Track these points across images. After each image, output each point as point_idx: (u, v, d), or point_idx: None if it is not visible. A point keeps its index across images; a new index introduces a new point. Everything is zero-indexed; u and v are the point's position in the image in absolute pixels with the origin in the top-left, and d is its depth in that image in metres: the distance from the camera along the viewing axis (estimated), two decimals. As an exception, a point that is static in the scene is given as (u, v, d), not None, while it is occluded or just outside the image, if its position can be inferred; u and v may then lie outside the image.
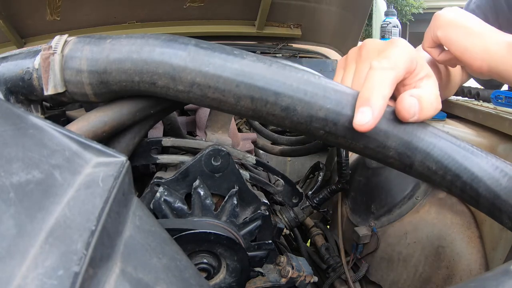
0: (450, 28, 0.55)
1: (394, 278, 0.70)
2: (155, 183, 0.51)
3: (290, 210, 0.81)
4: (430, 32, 0.58)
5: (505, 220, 0.34)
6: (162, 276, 0.23)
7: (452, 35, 0.55)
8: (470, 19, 0.55)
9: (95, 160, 0.26)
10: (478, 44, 0.52)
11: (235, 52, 0.36)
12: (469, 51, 0.53)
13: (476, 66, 0.53)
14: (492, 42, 0.52)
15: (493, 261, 0.59)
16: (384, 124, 0.35)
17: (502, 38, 0.52)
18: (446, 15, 0.56)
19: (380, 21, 1.89)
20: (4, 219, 0.18)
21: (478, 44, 0.52)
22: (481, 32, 0.53)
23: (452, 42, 0.55)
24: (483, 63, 0.52)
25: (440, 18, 0.57)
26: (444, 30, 0.56)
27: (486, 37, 0.52)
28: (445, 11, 0.57)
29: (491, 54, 0.52)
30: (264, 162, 0.59)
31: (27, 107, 0.44)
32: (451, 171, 0.34)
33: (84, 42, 0.39)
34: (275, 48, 1.31)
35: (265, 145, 1.13)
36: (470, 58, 0.53)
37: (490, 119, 0.64)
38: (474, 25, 0.54)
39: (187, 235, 0.46)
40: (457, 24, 0.55)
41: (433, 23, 0.58)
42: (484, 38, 0.52)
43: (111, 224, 0.22)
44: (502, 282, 0.23)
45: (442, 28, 0.56)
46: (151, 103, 0.43)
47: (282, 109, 0.35)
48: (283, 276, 0.58)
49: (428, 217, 0.67)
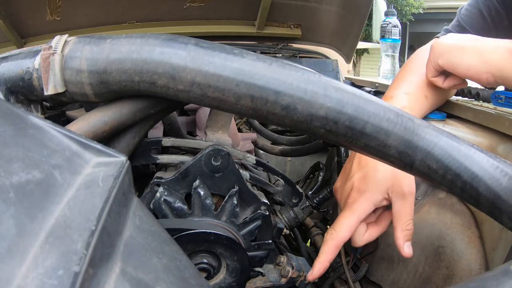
0: (449, 54, 0.59)
1: (394, 278, 0.70)
2: (155, 183, 0.51)
3: (290, 210, 0.81)
4: (431, 63, 0.62)
5: (505, 220, 0.34)
6: (162, 276, 0.23)
7: (452, 59, 0.58)
8: (463, 38, 0.59)
9: (95, 160, 0.26)
10: (478, 58, 0.55)
11: (235, 51, 0.36)
12: (472, 67, 0.56)
13: (484, 79, 0.55)
14: (489, 52, 0.54)
15: (493, 261, 0.59)
16: (385, 123, 0.35)
17: (497, 46, 0.54)
18: (442, 43, 0.60)
19: (380, 21, 1.89)
20: (4, 219, 0.18)
21: (478, 59, 0.55)
22: (475, 46, 0.56)
23: (454, 65, 0.58)
24: (488, 75, 0.55)
25: (438, 47, 0.60)
26: (444, 57, 0.59)
27: (482, 50, 0.55)
28: (441, 40, 0.61)
29: (492, 64, 0.54)
30: (264, 162, 0.59)
31: (27, 107, 0.44)
32: (451, 170, 0.34)
33: (84, 42, 0.39)
34: (275, 48, 1.31)
35: (265, 145, 1.13)
36: (475, 74, 0.56)
37: (490, 119, 0.64)
38: (468, 42, 0.57)
39: (187, 235, 0.46)
40: (454, 47, 0.58)
41: (432, 54, 0.62)
42: (481, 52, 0.55)
43: (111, 224, 0.22)
44: (502, 282, 0.23)
45: (442, 56, 0.60)
46: (151, 103, 0.43)
47: (282, 108, 0.35)
48: (283, 276, 0.58)
49: (428, 217, 0.67)
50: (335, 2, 1.22)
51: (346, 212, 0.56)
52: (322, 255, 0.54)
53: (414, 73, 0.70)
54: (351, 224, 0.55)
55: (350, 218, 0.55)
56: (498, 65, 0.53)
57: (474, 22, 0.85)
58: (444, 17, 8.24)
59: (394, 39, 1.76)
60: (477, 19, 0.85)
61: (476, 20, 0.85)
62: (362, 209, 0.56)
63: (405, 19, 8.27)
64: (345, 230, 0.55)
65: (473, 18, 0.86)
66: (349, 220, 0.55)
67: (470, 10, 0.87)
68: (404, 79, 0.70)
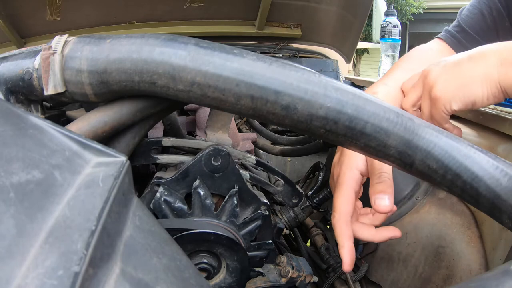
0: (461, 94, 0.52)
1: (394, 278, 0.70)
2: (155, 183, 0.51)
3: (290, 210, 0.81)
4: (442, 112, 0.54)
5: (505, 220, 0.34)
6: (162, 276, 0.23)
7: (468, 98, 0.52)
8: (464, 65, 0.52)
9: (95, 160, 0.26)
10: (489, 85, 0.50)
11: (235, 51, 0.36)
12: (491, 97, 0.51)
13: (501, 100, 0.51)
14: (495, 70, 0.50)
15: (493, 261, 0.59)
16: (385, 123, 0.35)
17: (498, 59, 0.49)
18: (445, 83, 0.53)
19: (380, 21, 1.89)
20: (4, 219, 0.18)
21: (489, 85, 0.50)
22: (476, 69, 0.51)
23: (471, 104, 0.52)
24: (504, 94, 0.50)
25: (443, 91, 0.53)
26: (457, 100, 0.52)
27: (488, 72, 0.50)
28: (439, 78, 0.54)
29: (502, 83, 0.49)
30: (264, 162, 0.59)
31: (27, 107, 0.44)
32: (451, 170, 0.34)
33: (84, 42, 0.39)
34: (275, 48, 1.31)
35: (265, 145, 1.13)
36: (494, 100, 0.51)
37: (490, 119, 0.64)
38: (471, 68, 0.51)
39: (187, 235, 0.46)
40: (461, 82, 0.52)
41: (440, 103, 0.53)
42: (487, 75, 0.50)
43: (111, 224, 0.22)
44: (502, 282, 0.23)
45: (454, 100, 0.52)
46: (151, 103, 0.43)
47: (282, 107, 0.35)
48: (283, 276, 0.58)
49: (428, 217, 0.67)
50: (335, 2, 1.22)
51: (337, 189, 0.55)
52: (339, 239, 0.52)
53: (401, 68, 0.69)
54: (345, 196, 0.54)
55: (342, 191, 0.54)
56: (508, 83, 0.49)
57: (474, 22, 0.85)
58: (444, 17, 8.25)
59: (394, 39, 1.77)
60: (478, 20, 0.85)
61: (477, 21, 0.85)
62: (348, 177, 0.55)
63: (405, 19, 8.28)
64: (344, 204, 0.53)
65: (473, 19, 0.85)
66: (342, 194, 0.54)
67: (471, 10, 0.86)
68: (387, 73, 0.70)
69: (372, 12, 4.14)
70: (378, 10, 3.90)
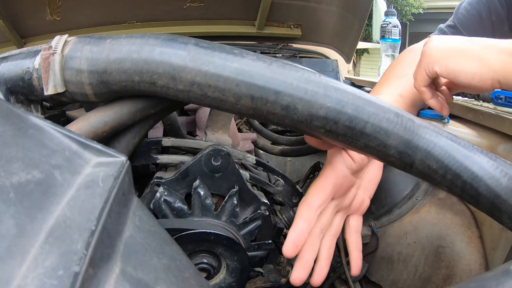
0: (447, 60, 0.51)
1: (394, 278, 0.70)
2: (155, 183, 0.51)
3: (290, 210, 0.81)
4: (424, 70, 0.54)
5: (505, 220, 0.34)
6: (162, 276, 0.23)
7: (453, 66, 0.51)
8: (460, 41, 0.52)
9: (95, 160, 0.26)
10: (481, 64, 0.49)
11: (234, 51, 0.36)
12: (477, 75, 0.50)
13: (489, 86, 0.50)
14: (492, 56, 0.49)
15: (493, 261, 0.59)
16: (385, 123, 0.35)
17: (500, 48, 0.49)
18: (439, 47, 0.53)
19: (380, 21, 1.89)
20: (4, 219, 0.18)
21: (481, 65, 0.49)
22: (474, 49, 0.50)
23: (455, 73, 0.51)
24: (494, 81, 0.49)
25: (433, 52, 0.53)
26: (442, 63, 0.52)
27: (484, 54, 0.49)
28: (435, 43, 0.53)
29: (496, 69, 0.49)
30: (264, 162, 0.59)
31: (27, 107, 0.44)
32: (451, 170, 0.34)
33: (84, 42, 0.39)
34: (275, 48, 1.31)
35: (265, 145, 1.13)
36: (480, 82, 0.50)
37: (490, 119, 0.64)
38: (467, 46, 0.51)
39: (187, 235, 0.46)
40: (453, 52, 0.51)
41: (426, 60, 0.54)
42: (483, 56, 0.49)
43: (111, 224, 0.22)
44: (502, 282, 0.23)
45: (439, 63, 0.52)
46: (151, 103, 0.43)
47: (282, 107, 0.35)
48: (283, 276, 0.58)
49: (428, 217, 0.67)
50: (335, 2, 1.22)
51: (321, 173, 0.51)
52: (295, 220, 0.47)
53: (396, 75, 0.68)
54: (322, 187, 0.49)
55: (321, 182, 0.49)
56: (505, 71, 0.48)
57: (470, 23, 0.83)
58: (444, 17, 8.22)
59: (394, 39, 1.77)
60: (475, 22, 0.83)
61: (473, 23, 0.83)
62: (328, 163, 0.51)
63: (405, 19, 8.27)
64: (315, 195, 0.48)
65: (470, 20, 0.84)
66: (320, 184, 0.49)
67: (469, 10, 0.85)
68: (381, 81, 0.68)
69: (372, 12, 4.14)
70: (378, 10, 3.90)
